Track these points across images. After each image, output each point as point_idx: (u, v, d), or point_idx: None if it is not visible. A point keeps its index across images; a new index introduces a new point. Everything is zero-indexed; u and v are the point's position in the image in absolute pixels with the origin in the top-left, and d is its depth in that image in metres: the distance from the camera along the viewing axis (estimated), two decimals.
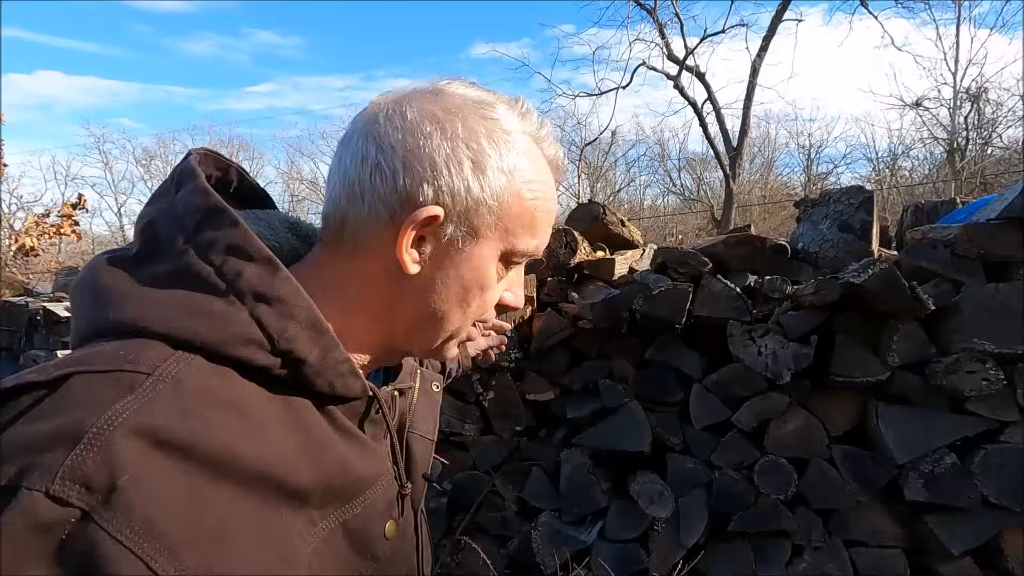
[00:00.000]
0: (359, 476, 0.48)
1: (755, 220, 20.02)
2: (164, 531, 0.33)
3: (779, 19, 12.11)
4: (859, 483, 1.70)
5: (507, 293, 0.54)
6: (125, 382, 0.36)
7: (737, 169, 13.27)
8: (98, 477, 0.32)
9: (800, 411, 1.84)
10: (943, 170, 16.57)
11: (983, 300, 1.65)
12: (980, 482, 1.60)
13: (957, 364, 1.61)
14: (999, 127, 16.53)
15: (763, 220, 19.72)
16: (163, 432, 0.35)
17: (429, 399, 0.65)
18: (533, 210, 0.51)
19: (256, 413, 0.41)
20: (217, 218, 0.44)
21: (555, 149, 0.54)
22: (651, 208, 24.99)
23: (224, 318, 0.41)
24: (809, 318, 1.79)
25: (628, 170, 23.75)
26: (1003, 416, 1.61)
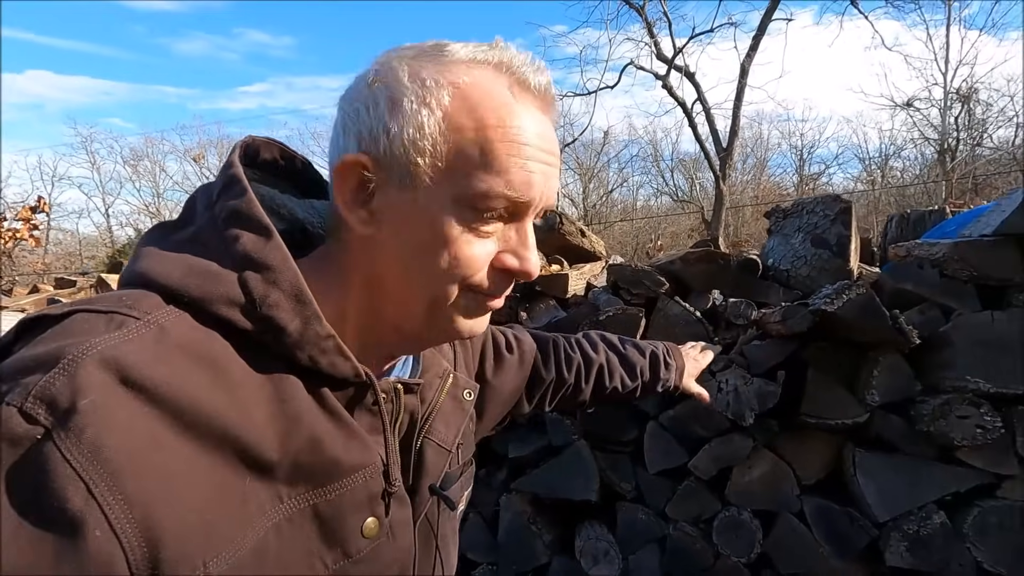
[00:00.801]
0: (334, 460, 0.46)
1: (747, 220, 19.91)
2: (109, 458, 0.34)
3: (768, 19, 11.94)
4: (833, 544, 1.45)
5: (507, 255, 0.49)
6: (116, 321, 0.39)
7: (727, 170, 13.07)
8: (61, 398, 0.34)
9: (767, 455, 1.59)
10: (934, 171, 16.47)
11: (976, 330, 1.40)
12: (973, 546, 1.36)
13: (947, 408, 1.37)
14: (990, 128, 16.47)
15: (755, 220, 19.59)
16: (132, 370, 0.36)
17: (457, 406, 0.63)
18: (483, 141, 0.45)
19: (231, 375, 0.41)
20: (232, 187, 0.47)
21: (531, 73, 0.48)
22: (644, 208, 24.82)
23: (214, 278, 0.43)
24: (776, 349, 1.55)
25: (621, 170, 23.58)
26: (1000, 469, 1.37)
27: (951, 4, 16.13)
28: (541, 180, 0.48)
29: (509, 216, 0.49)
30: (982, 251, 1.43)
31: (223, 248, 0.45)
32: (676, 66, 12.42)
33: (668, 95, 12.57)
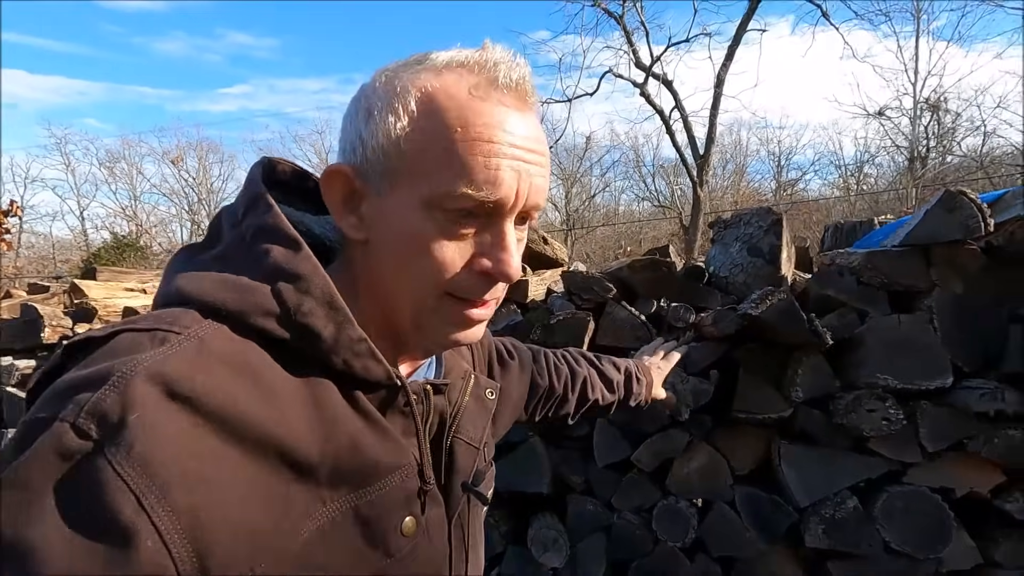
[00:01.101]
0: (373, 461, 0.47)
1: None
2: (158, 470, 0.35)
3: (743, 29, 12.24)
4: (759, 529, 1.58)
5: (482, 258, 0.49)
6: (159, 338, 0.41)
7: (704, 176, 13.32)
8: (111, 414, 0.36)
9: (705, 448, 1.72)
10: (906, 177, 16.95)
11: (885, 332, 1.55)
12: (882, 527, 1.50)
13: (858, 402, 1.51)
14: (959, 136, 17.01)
15: None
16: (177, 383, 0.38)
17: (480, 406, 0.64)
18: (446, 142, 0.45)
19: (270, 382, 0.43)
20: (257, 205, 0.49)
21: (504, 70, 0.47)
22: (626, 213, 25.13)
23: (248, 291, 0.45)
24: (710, 350, 1.68)
25: (603, 175, 23.86)
26: (905, 457, 1.51)
27: (919, 16, 16.70)
28: (511, 177, 0.46)
29: (484, 217, 0.48)
30: (891, 260, 1.57)
31: (254, 262, 0.46)
32: (654, 74, 12.67)
33: (646, 103, 12.81)
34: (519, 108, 0.48)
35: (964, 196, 1.47)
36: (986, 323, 1.50)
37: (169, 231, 21.75)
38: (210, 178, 22.95)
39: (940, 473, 1.50)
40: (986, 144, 16.34)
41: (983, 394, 1.41)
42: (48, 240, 20.67)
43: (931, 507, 1.47)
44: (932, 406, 1.49)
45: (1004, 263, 1.52)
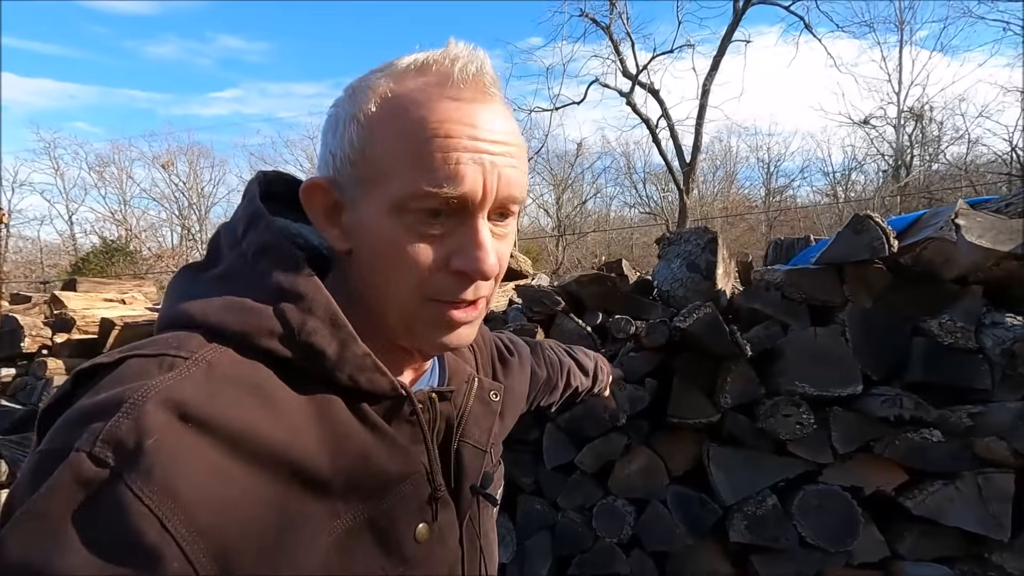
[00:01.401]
0: (384, 471, 0.48)
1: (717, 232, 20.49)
2: (180, 493, 0.36)
3: (728, 40, 12.47)
4: (687, 524, 1.71)
5: (455, 256, 0.47)
6: (167, 364, 0.41)
7: (691, 184, 13.52)
8: (128, 440, 0.36)
9: (645, 451, 1.85)
10: (891, 185, 17.24)
11: (803, 343, 1.69)
12: (798, 523, 1.63)
13: (776, 408, 1.65)
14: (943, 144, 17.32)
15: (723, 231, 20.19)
16: (189, 406, 0.39)
17: (486, 408, 0.64)
18: (404, 142, 0.45)
19: (278, 400, 0.43)
20: (257, 224, 0.50)
21: (459, 65, 0.47)
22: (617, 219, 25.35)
23: (252, 312, 0.45)
24: (647, 360, 1.81)
25: (594, 181, 24.07)
26: (819, 458, 1.65)
27: (903, 27, 17.04)
28: (474, 171, 0.45)
29: (455, 216, 0.47)
30: (808, 277, 1.71)
31: (256, 283, 0.47)
32: (640, 83, 12.88)
33: (633, 111, 13.00)
34: (478, 100, 0.47)
35: (870, 220, 1.61)
36: (892, 336, 1.64)
37: (159, 235, 21.77)
38: (200, 182, 22.99)
39: (851, 473, 1.64)
40: (970, 153, 16.62)
41: (884, 400, 1.55)
42: (36, 244, 20.64)
43: (842, 504, 1.61)
44: (843, 411, 1.63)
45: (910, 281, 1.66)
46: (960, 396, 1.57)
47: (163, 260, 17.40)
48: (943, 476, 1.54)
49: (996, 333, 1.52)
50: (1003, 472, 1.48)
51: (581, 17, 12.78)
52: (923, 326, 1.62)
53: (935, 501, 1.53)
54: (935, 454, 1.53)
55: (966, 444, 1.52)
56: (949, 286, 1.62)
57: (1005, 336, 1.49)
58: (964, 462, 1.53)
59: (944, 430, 1.54)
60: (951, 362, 1.57)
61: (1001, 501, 1.48)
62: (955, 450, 1.53)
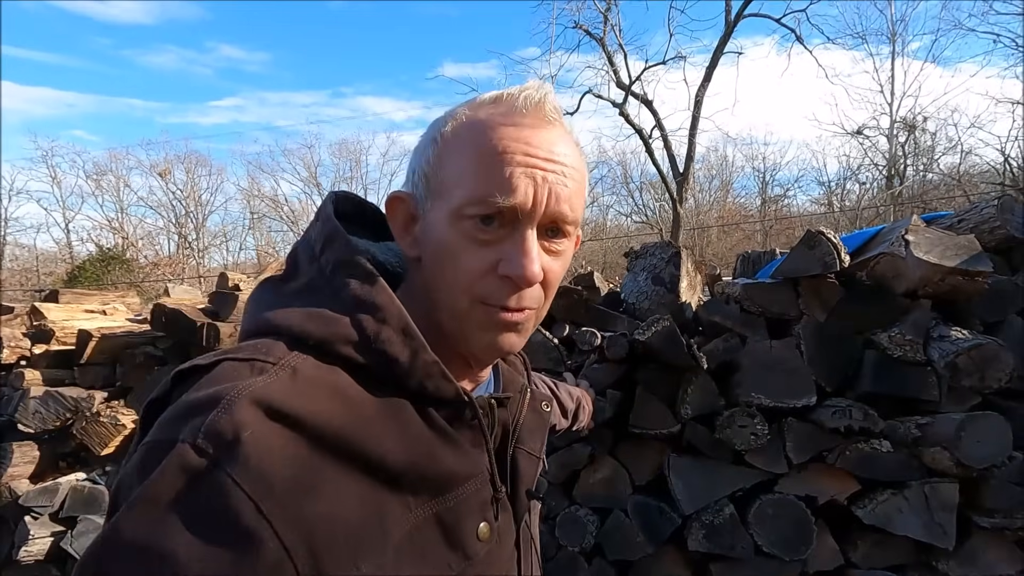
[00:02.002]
0: (451, 471, 0.51)
1: (712, 241, 20.60)
2: (273, 480, 0.40)
3: (720, 52, 12.60)
4: (647, 533, 1.75)
5: (504, 262, 0.51)
6: (257, 367, 0.46)
7: (684, 193, 13.60)
8: (226, 433, 0.40)
9: (610, 460, 1.89)
10: (884, 194, 17.37)
11: (760, 355, 1.73)
12: (755, 532, 1.66)
13: (732, 419, 1.68)
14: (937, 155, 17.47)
15: (719, 240, 20.29)
16: (277, 405, 0.42)
17: (538, 418, 0.69)
18: (467, 156, 0.51)
19: (357, 402, 0.47)
20: (334, 241, 0.54)
21: (524, 93, 0.53)
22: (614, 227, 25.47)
23: (331, 322, 0.49)
24: (610, 371, 1.85)
25: (591, 190, 24.18)
26: (775, 468, 1.69)
27: (895, 39, 17.23)
28: (526, 184, 0.50)
29: (507, 226, 0.51)
30: (764, 291, 1.76)
31: (335, 295, 0.51)
32: (634, 93, 12.99)
33: (626, 122, 13.11)
34: (537, 125, 0.52)
35: (822, 235, 1.66)
36: (845, 348, 1.69)
37: (156, 243, 21.80)
38: (198, 191, 23.08)
39: (805, 483, 1.67)
40: (964, 162, 16.76)
41: (835, 412, 1.59)
42: (32, 252, 20.67)
43: (797, 513, 1.64)
44: (797, 422, 1.67)
45: (862, 295, 1.71)
46: (910, 407, 1.62)
47: (159, 268, 17.42)
48: (892, 485, 1.58)
49: (942, 346, 1.56)
50: (948, 482, 1.52)
51: (575, 28, 12.92)
52: (874, 339, 1.66)
53: (884, 510, 1.57)
54: (884, 464, 1.57)
55: (914, 454, 1.57)
56: (899, 300, 1.67)
57: (950, 349, 1.53)
58: (912, 472, 1.56)
59: (893, 440, 1.58)
60: (900, 374, 1.61)
61: (946, 510, 1.52)
62: (903, 460, 1.57)
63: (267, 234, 24.30)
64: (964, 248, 1.58)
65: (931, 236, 1.62)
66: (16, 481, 2.08)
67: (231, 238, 24.21)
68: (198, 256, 22.00)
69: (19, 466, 2.08)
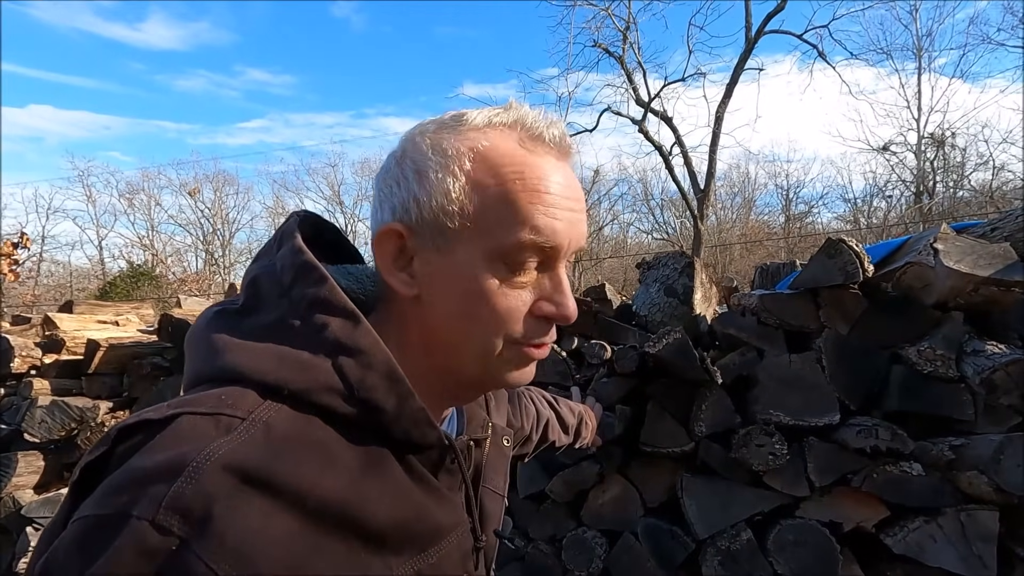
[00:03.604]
0: (436, 524, 0.49)
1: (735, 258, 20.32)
2: (251, 561, 0.35)
3: (741, 68, 12.54)
4: (658, 559, 1.65)
5: (543, 303, 0.51)
6: (224, 424, 0.40)
7: (705, 210, 13.46)
8: (194, 508, 0.35)
9: (619, 479, 1.80)
10: (912, 211, 16.95)
11: (778, 370, 1.63)
12: (774, 560, 1.55)
13: (749, 437, 1.59)
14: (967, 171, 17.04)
15: (742, 258, 20.00)
16: (252, 470, 0.38)
17: (499, 453, 0.66)
18: (506, 195, 0.48)
19: (338, 457, 0.43)
20: (308, 274, 0.49)
21: (544, 127, 0.51)
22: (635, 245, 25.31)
23: (309, 368, 0.45)
24: (619, 385, 1.77)
25: (611, 207, 24.14)
26: (796, 491, 1.58)
27: (921, 55, 16.96)
28: (566, 225, 0.50)
29: (541, 264, 0.50)
30: (782, 303, 1.67)
31: (312, 337, 0.46)
32: (653, 110, 12.97)
33: (645, 139, 13.07)
34: (562, 160, 0.51)
35: (843, 243, 1.58)
36: (870, 363, 1.58)
37: (184, 260, 22.34)
38: (225, 209, 23.66)
39: (829, 507, 1.56)
40: (996, 179, 16.30)
41: (860, 431, 1.48)
42: (67, 269, 21.34)
43: (820, 540, 1.53)
44: (819, 442, 1.56)
45: (888, 306, 1.61)
46: (942, 427, 1.50)
47: (187, 284, 17.81)
48: (924, 512, 1.46)
49: (977, 361, 1.45)
50: (987, 509, 1.40)
51: (594, 47, 13.00)
52: (902, 353, 1.56)
53: (916, 539, 1.45)
54: (915, 488, 1.46)
55: (948, 478, 1.45)
56: (929, 312, 1.56)
57: (986, 364, 1.42)
58: (946, 497, 1.44)
59: (924, 463, 1.46)
60: (931, 391, 1.50)
61: (985, 540, 1.39)
62: (936, 484, 1.45)
63: None
64: (999, 257, 1.47)
65: (962, 244, 1.52)
66: (20, 491, 2.07)
67: None
68: (224, 273, 22.46)
69: (23, 476, 2.08)
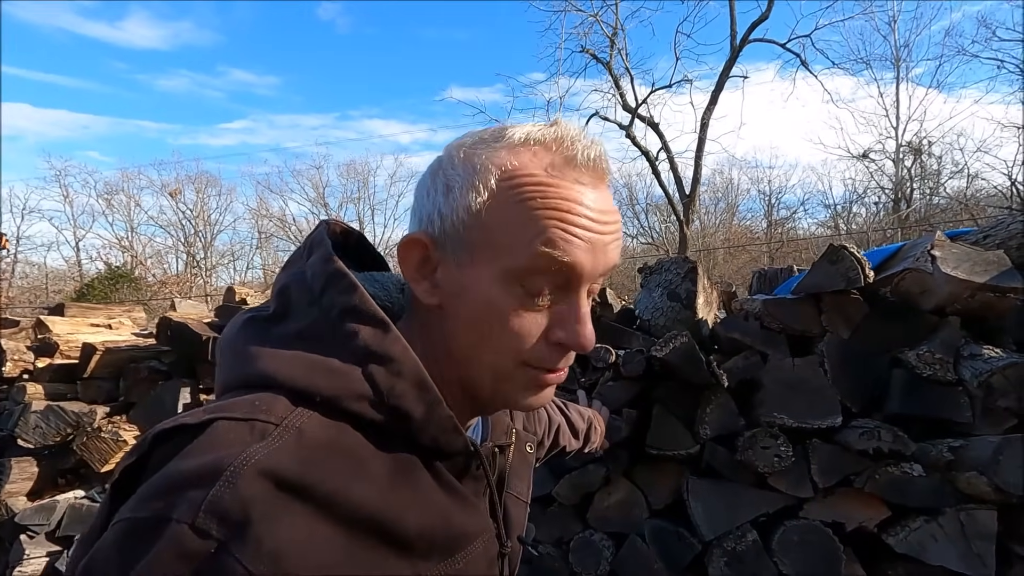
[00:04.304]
0: (462, 531, 0.49)
1: (719, 263, 20.56)
2: (288, 563, 0.36)
3: (726, 75, 12.72)
4: (665, 560, 1.67)
5: (557, 329, 0.49)
6: (258, 430, 0.41)
7: (691, 215, 13.61)
8: (232, 512, 0.35)
9: (625, 482, 1.82)
10: (891, 218, 17.34)
11: (781, 374, 1.67)
12: (779, 560, 1.58)
13: (754, 439, 1.62)
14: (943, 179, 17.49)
15: (725, 262, 20.25)
16: (287, 476, 0.39)
17: (524, 460, 0.67)
18: (526, 216, 0.47)
19: (368, 463, 0.44)
20: (339, 282, 0.49)
21: (580, 148, 0.49)
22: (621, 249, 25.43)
23: (340, 375, 0.45)
24: (626, 389, 1.79)
25: None
26: (801, 492, 1.61)
27: (899, 64, 17.39)
28: (587, 249, 0.48)
29: (560, 289, 0.49)
30: (785, 307, 1.71)
31: (343, 344, 0.46)
32: (640, 116, 13.10)
33: (632, 144, 13.19)
34: (594, 185, 0.49)
35: (845, 250, 1.62)
36: (871, 366, 1.62)
37: (164, 262, 21.95)
38: (207, 210, 23.31)
39: (832, 508, 1.60)
40: (970, 186, 16.75)
41: (863, 433, 1.52)
42: (42, 270, 20.83)
43: (824, 540, 1.56)
44: (822, 444, 1.60)
45: (888, 311, 1.65)
46: (941, 429, 1.55)
47: (167, 287, 17.51)
48: (925, 512, 1.50)
49: (974, 365, 1.50)
50: (986, 508, 1.45)
51: (582, 53, 13.10)
52: (902, 357, 1.60)
53: (918, 538, 1.49)
54: (916, 489, 1.50)
55: (948, 479, 1.49)
56: (927, 317, 1.61)
57: (983, 368, 1.47)
58: (946, 498, 1.49)
59: (925, 464, 1.50)
60: (930, 394, 1.55)
61: (985, 539, 1.43)
62: (936, 485, 1.49)
63: (274, 253, 24.43)
64: (993, 264, 1.52)
65: (958, 251, 1.57)
66: (13, 498, 2.02)
67: (238, 257, 24.36)
68: (205, 275, 22.12)
69: (17, 482, 2.03)
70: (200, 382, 2.16)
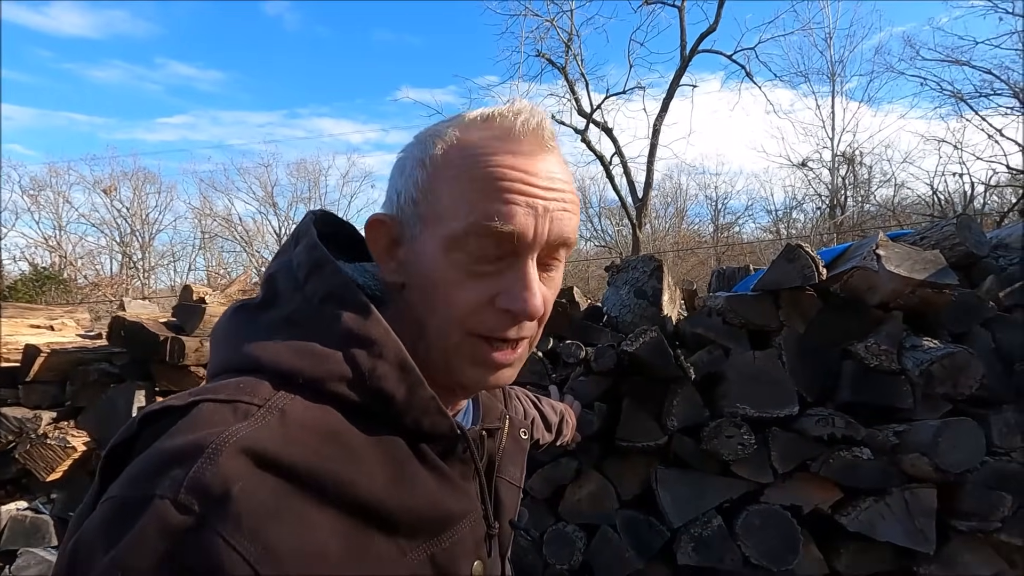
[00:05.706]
0: (448, 511, 0.49)
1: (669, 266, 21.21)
2: (268, 539, 0.36)
3: (676, 84, 13.14)
4: (636, 548, 1.72)
5: (502, 295, 0.49)
6: (241, 411, 0.42)
7: (643, 219, 13.96)
8: (213, 487, 0.36)
9: (595, 475, 1.86)
10: (827, 223, 18.36)
11: (743, 367, 1.76)
12: (743, 544, 1.66)
13: (719, 429, 1.70)
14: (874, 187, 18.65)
15: (675, 265, 20.90)
16: (267, 454, 0.39)
17: (517, 446, 0.67)
18: (464, 184, 0.48)
19: (351, 444, 0.44)
20: (322, 269, 0.51)
21: (519, 118, 0.50)
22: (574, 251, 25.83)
23: (323, 358, 0.46)
24: (596, 384, 1.84)
25: None
26: (760, 478, 1.70)
27: (835, 79, 18.43)
28: (526, 213, 0.48)
29: (506, 257, 0.49)
30: (746, 304, 1.80)
31: (326, 328, 0.47)
32: (595, 121, 13.35)
33: (588, 149, 13.43)
34: (535, 152, 0.50)
35: (801, 249, 1.72)
36: (824, 358, 1.73)
37: (97, 263, 20.67)
38: (146, 208, 22.12)
39: (790, 492, 1.69)
40: (897, 195, 17.91)
41: (818, 420, 1.62)
42: None
43: (783, 523, 1.66)
44: (781, 432, 1.69)
45: (838, 307, 1.77)
46: (886, 416, 1.67)
47: (100, 289, 16.50)
48: (874, 493, 1.62)
49: (916, 355, 1.63)
50: (927, 487, 1.57)
51: (538, 57, 13.25)
52: (851, 349, 1.72)
53: (867, 517, 1.60)
54: (866, 471, 1.61)
55: (893, 461, 1.61)
56: (873, 312, 1.73)
57: (923, 358, 1.60)
58: (892, 478, 1.61)
59: (873, 448, 1.62)
60: (877, 383, 1.67)
61: (926, 515, 1.56)
62: (883, 467, 1.61)
63: (219, 254, 23.43)
64: (931, 263, 1.66)
65: (900, 251, 1.70)
66: None
67: (179, 258, 23.22)
68: (143, 276, 20.97)
69: None
70: (157, 384, 2.07)
